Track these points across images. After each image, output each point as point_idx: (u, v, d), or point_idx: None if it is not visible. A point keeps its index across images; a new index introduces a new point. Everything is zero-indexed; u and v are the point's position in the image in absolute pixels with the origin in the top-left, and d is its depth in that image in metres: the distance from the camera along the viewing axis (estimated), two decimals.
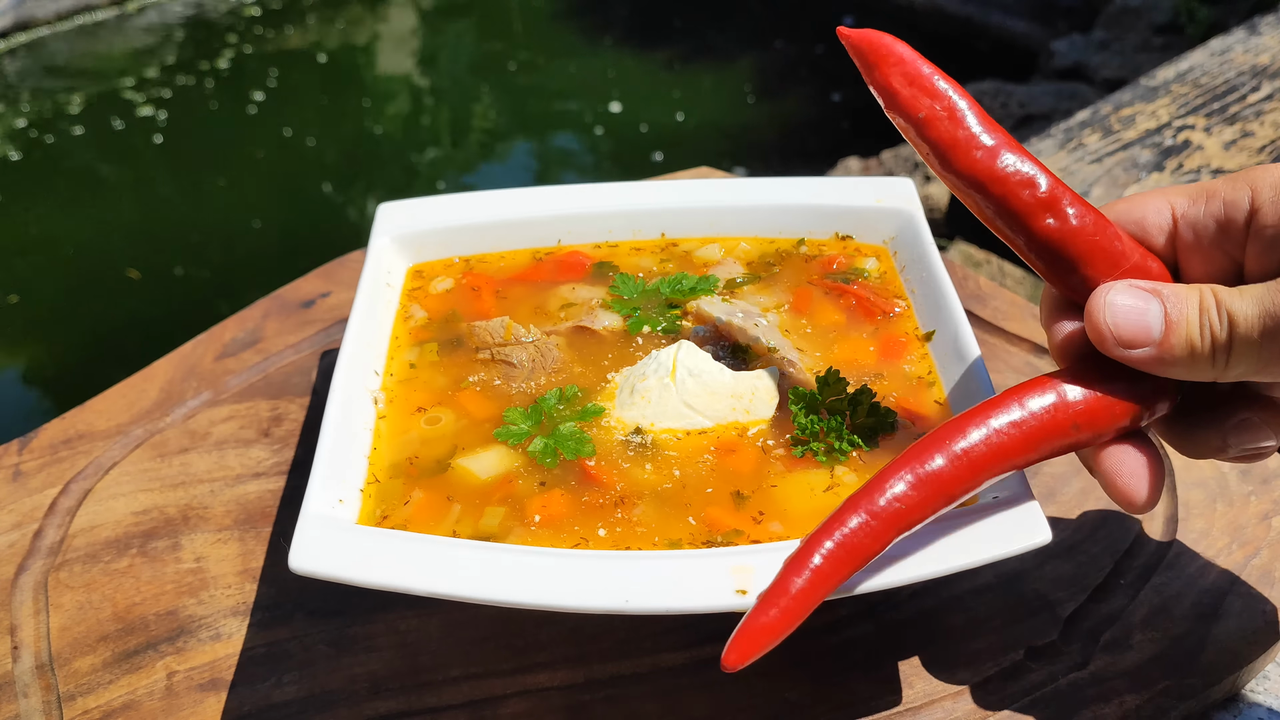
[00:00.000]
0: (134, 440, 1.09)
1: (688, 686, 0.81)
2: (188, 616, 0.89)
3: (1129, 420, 0.69)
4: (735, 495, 0.79)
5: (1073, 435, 0.68)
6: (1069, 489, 0.97)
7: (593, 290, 1.01)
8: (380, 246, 1.03)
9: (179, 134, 5.22)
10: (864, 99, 4.60)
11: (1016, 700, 0.79)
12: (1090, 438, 0.69)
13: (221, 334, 1.24)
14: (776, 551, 0.69)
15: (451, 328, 0.97)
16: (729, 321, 0.93)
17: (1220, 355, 0.64)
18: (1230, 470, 0.97)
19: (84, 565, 0.95)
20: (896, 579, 0.68)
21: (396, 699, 0.81)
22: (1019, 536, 0.69)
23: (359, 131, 5.32)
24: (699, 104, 5.33)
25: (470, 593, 0.68)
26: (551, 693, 0.81)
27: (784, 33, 6.06)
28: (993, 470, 0.67)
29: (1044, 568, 0.89)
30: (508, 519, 0.77)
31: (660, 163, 4.81)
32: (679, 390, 0.85)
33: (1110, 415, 0.68)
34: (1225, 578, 0.87)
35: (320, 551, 0.70)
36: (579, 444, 0.83)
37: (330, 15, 6.61)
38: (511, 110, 5.60)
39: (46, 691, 0.84)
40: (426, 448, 0.85)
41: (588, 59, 5.99)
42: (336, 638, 0.86)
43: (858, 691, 0.80)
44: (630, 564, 0.69)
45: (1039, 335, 1.16)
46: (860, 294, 0.97)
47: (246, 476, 1.03)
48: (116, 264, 4.16)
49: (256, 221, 4.50)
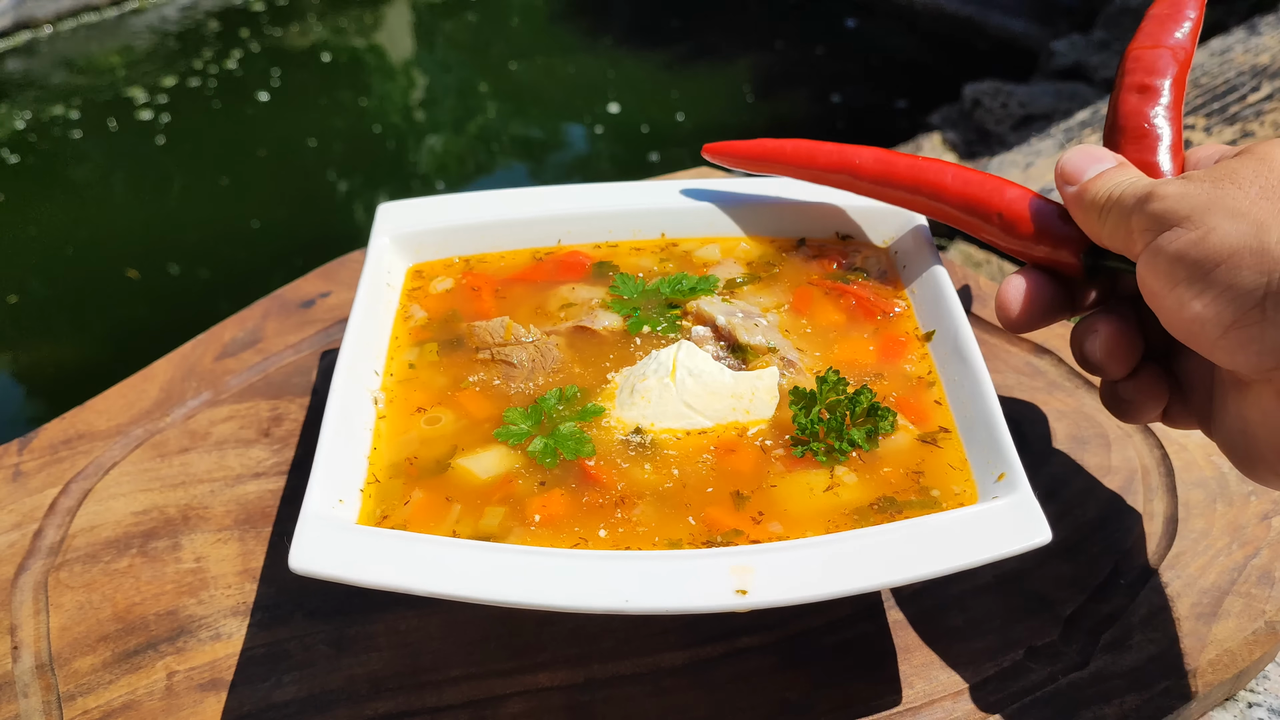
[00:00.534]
0: (134, 440, 1.09)
1: (688, 686, 0.81)
2: (188, 616, 0.89)
3: (1034, 240, 0.84)
4: (735, 495, 0.79)
5: (995, 221, 0.86)
6: (1069, 489, 0.97)
7: (593, 290, 1.01)
8: (380, 246, 1.03)
9: (179, 134, 5.22)
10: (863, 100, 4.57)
11: (1016, 700, 0.79)
12: (1002, 234, 0.86)
13: (221, 334, 1.24)
14: (776, 551, 0.70)
15: (451, 328, 0.97)
16: (729, 321, 0.93)
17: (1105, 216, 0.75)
18: (1230, 470, 0.97)
19: (84, 565, 0.95)
20: (897, 579, 0.68)
21: (396, 699, 0.81)
22: (1019, 536, 0.69)
23: (359, 131, 5.32)
24: (699, 104, 5.33)
25: (470, 593, 0.68)
26: (551, 693, 0.81)
27: (784, 34, 6.06)
28: (922, 188, 0.92)
29: (1044, 568, 0.89)
30: (508, 519, 0.77)
31: (659, 163, 4.81)
32: (679, 390, 0.85)
33: (1023, 226, 0.84)
34: (1225, 578, 0.87)
35: (320, 551, 0.70)
36: (579, 444, 0.83)
37: (331, 15, 6.61)
38: (512, 111, 5.61)
39: (46, 691, 0.84)
40: (426, 448, 0.85)
41: (587, 59, 5.99)
42: (336, 638, 0.86)
43: (858, 691, 0.80)
44: (630, 564, 0.69)
45: (1039, 335, 1.16)
46: (860, 294, 0.97)
47: (246, 476, 1.03)
48: (116, 264, 4.16)
49: (256, 221, 4.50)
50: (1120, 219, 0.73)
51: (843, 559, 0.69)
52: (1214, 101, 2.35)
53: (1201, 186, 0.67)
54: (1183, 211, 0.66)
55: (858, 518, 0.76)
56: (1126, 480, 0.97)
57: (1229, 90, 2.37)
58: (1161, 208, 0.68)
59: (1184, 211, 0.66)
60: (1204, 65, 2.53)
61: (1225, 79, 2.43)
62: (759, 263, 1.04)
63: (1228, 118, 2.27)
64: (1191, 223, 0.65)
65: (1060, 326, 1.17)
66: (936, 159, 0.95)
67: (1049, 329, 1.17)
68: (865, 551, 0.69)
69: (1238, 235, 0.63)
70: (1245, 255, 0.62)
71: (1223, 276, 0.63)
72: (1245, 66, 2.46)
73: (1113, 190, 0.74)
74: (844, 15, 6.12)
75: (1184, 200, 0.67)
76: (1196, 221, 0.65)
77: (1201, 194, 0.66)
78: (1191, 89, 2.43)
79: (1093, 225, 0.77)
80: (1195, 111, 2.33)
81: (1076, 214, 0.79)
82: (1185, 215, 0.66)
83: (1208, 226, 0.64)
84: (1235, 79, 2.41)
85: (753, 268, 1.03)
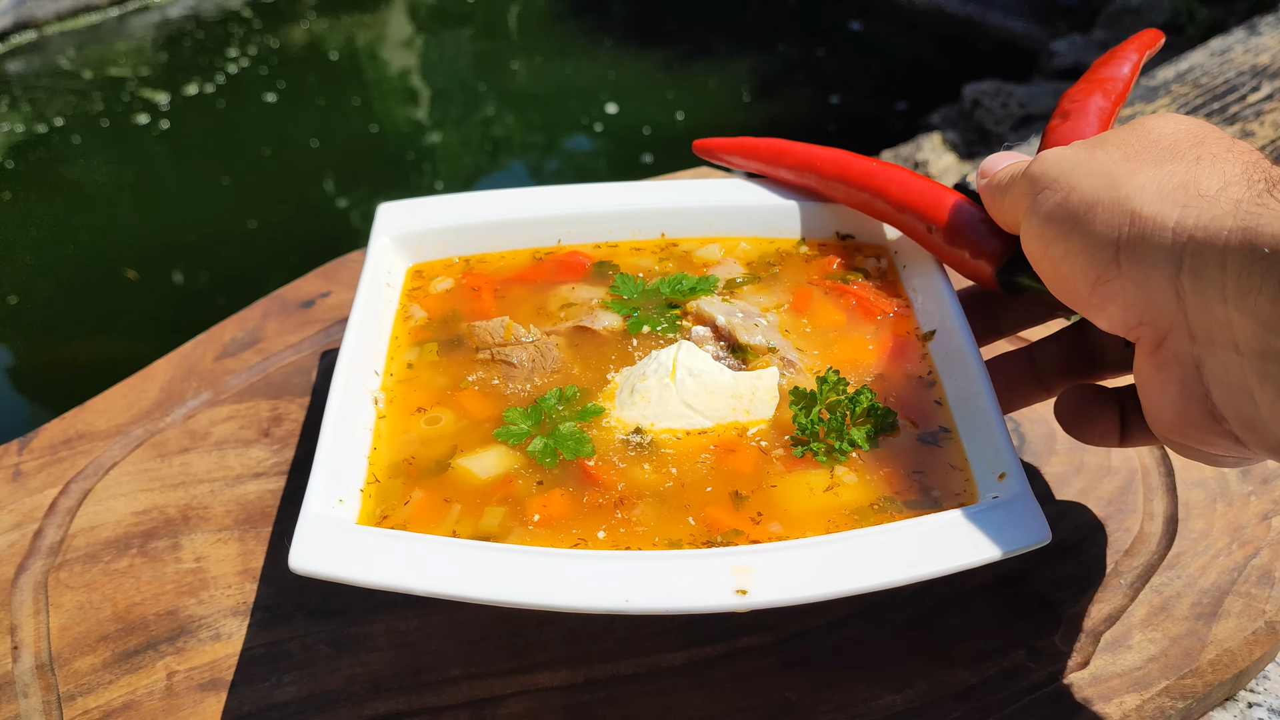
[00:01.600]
0: (134, 440, 1.09)
1: (688, 686, 0.81)
2: (188, 616, 0.89)
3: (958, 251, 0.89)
4: (735, 495, 0.79)
5: (929, 232, 0.91)
6: (1069, 489, 0.97)
7: (593, 290, 1.01)
8: (380, 246, 1.03)
9: (179, 134, 5.22)
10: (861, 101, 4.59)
11: (1016, 700, 0.79)
12: (937, 245, 0.91)
13: (221, 334, 1.24)
14: (776, 551, 0.70)
15: (451, 328, 0.97)
16: (729, 321, 0.93)
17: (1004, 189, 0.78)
18: (1230, 470, 0.97)
19: (84, 565, 0.95)
20: (897, 579, 0.68)
21: (396, 699, 0.81)
22: (1019, 536, 0.69)
23: (359, 132, 5.32)
24: (698, 105, 5.34)
25: (470, 593, 0.68)
26: (551, 693, 0.81)
27: (783, 35, 6.06)
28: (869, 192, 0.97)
29: (1044, 568, 0.89)
30: (507, 519, 0.77)
31: (658, 164, 4.81)
32: (679, 390, 0.85)
33: (950, 238, 0.89)
34: (1225, 578, 0.87)
35: (320, 551, 0.70)
36: (579, 444, 0.83)
37: (331, 16, 6.61)
38: (511, 111, 5.61)
39: (46, 691, 0.84)
40: (426, 448, 0.85)
41: (587, 60, 5.99)
42: (336, 638, 0.86)
43: (858, 691, 0.80)
44: (630, 564, 0.69)
45: (1039, 335, 1.16)
46: (860, 294, 0.97)
47: (246, 476, 1.03)
48: (117, 264, 4.16)
49: (257, 221, 4.50)
50: (1011, 192, 0.76)
51: (843, 559, 0.69)
52: (1214, 101, 2.35)
53: (1075, 151, 0.71)
54: (1053, 174, 0.70)
55: (858, 518, 0.76)
56: (1126, 480, 0.97)
57: (1229, 90, 2.37)
58: (1038, 170, 0.72)
59: (1054, 174, 0.70)
60: (1204, 65, 2.53)
61: (1225, 79, 2.43)
62: (759, 263, 1.04)
63: (1228, 118, 2.27)
64: (1059, 184, 0.69)
65: (1060, 325, 1.17)
66: (891, 164, 0.98)
67: (1049, 330, 1.17)
68: (865, 551, 0.69)
69: (1094, 190, 0.65)
70: (1099, 209, 0.65)
71: (1082, 230, 0.66)
72: (1245, 66, 2.46)
73: (1013, 169, 0.78)
74: (848, 18, 6.12)
75: (1057, 164, 0.70)
76: (1064, 183, 0.68)
77: (1072, 157, 0.70)
78: (1191, 89, 2.43)
79: (996, 209, 0.81)
80: (1195, 111, 2.33)
81: (987, 203, 0.83)
82: (1054, 178, 0.70)
83: (1071, 186, 0.68)
84: (1235, 79, 2.41)
85: (753, 268, 1.03)
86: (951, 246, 0.89)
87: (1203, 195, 0.60)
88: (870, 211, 0.99)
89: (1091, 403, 0.81)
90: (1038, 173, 0.72)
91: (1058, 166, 0.70)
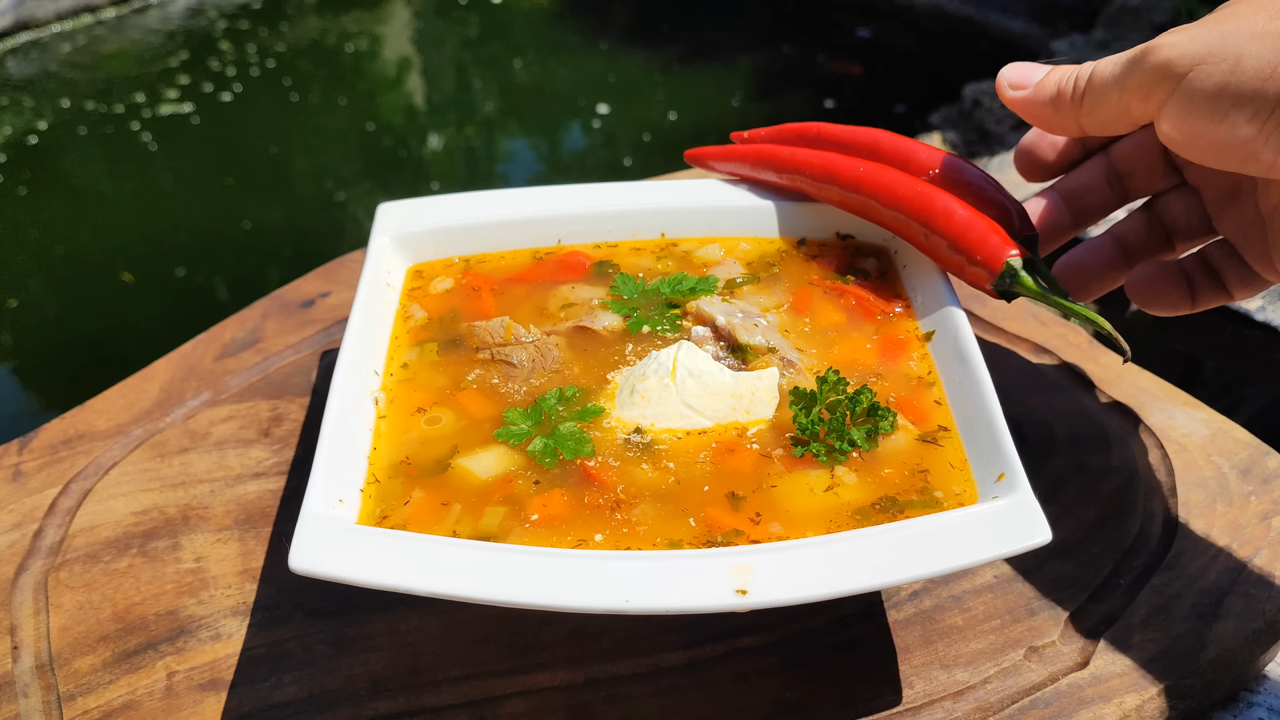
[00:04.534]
0: (134, 440, 1.09)
1: (688, 686, 0.81)
2: (188, 616, 0.89)
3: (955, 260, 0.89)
4: (735, 495, 0.79)
5: (923, 238, 0.92)
6: (1069, 489, 0.97)
7: (593, 290, 1.01)
8: (380, 246, 1.03)
9: (180, 134, 5.22)
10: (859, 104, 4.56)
11: (1016, 700, 0.79)
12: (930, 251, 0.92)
13: (221, 334, 1.24)
14: (776, 551, 0.70)
15: (451, 328, 0.97)
16: (729, 321, 0.92)
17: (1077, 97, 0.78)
18: (1230, 470, 0.97)
19: (84, 565, 0.95)
20: (896, 579, 0.68)
21: (396, 699, 0.81)
22: (1019, 536, 0.69)
23: (358, 132, 5.32)
24: (697, 106, 5.33)
25: (470, 593, 0.68)
26: (551, 693, 0.81)
27: (783, 36, 6.06)
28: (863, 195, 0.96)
29: (1044, 568, 0.89)
30: (507, 519, 0.77)
31: (660, 163, 4.81)
32: (679, 390, 0.85)
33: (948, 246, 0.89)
34: (1225, 578, 0.87)
35: (320, 551, 0.70)
36: (579, 444, 0.83)
37: (330, 16, 6.61)
38: (511, 111, 5.61)
39: (46, 691, 0.84)
40: (426, 448, 0.85)
41: (587, 60, 6.00)
42: (336, 638, 0.86)
43: (858, 691, 0.80)
44: (630, 564, 0.69)
45: (1039, 335, 1.16)
46: (860, 294, 0.97)
47: (246, 476, 1.03)
48: (117, 264, 4.16)
49: (256, 222, 4.50)
50: (1107, 92, 0.75)
51: (843, 559, 0.69)
52: None
53: (1205, 28, 0.69)
54: (1200, 53, 0.68)
55: (858, 518, 0.76)
56: (1126, 480, 0.97)
57: None
58: (1172, 54, 0.70)
59: (1201, 52, 0.68)
60: None
61: None
62: (759, 263, 1.04)
63: None
64: (1215, 57, 0.67)
65: (1059, 325, 1.18)
66: (881, 165, 0.97)
67: (1049, 330, 1.17)
68: (865, 551, 0.69)
69: (1272, 52, 0.65)
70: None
71: (1264, 95, 0.65)
72: None
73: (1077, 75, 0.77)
74: (855, 24, 6.11)
75: (1194, 42, 0.69)
76: (1220, 55, 0.67)
77: (1209, 33, 0.68)
78: None
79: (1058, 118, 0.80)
80: None
81: (1031, 112, 0.82)
82: (1205, 54, 0.68)
83: (1235, 54, 0.66)
84: None
85: (753, 268, 1.03)
86: (946, 253, 0.90)
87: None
88: (864, 216, 0.99)
89: (1160, 277, 0.87)
90: (1175, 55, 0.69)
91: (1197, 43, 0.68)
